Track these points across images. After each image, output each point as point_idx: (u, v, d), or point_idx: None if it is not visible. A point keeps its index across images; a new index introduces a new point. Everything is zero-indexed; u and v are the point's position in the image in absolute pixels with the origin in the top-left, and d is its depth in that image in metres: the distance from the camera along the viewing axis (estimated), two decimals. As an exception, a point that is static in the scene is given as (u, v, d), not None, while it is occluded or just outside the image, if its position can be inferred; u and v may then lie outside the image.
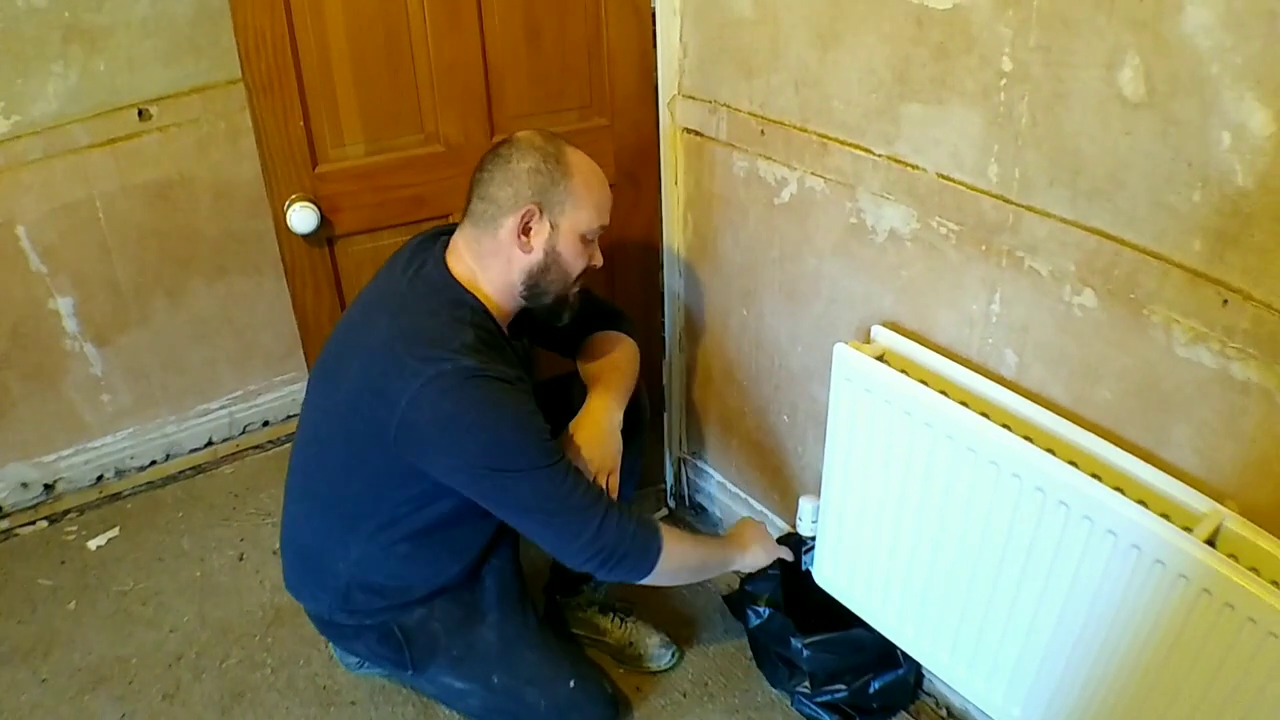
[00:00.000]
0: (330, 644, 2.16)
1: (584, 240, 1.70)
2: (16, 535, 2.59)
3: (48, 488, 2.64)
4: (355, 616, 1.87)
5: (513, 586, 1.95)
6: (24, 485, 2.61)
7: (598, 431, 1.80)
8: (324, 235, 1.91)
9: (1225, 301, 1.31)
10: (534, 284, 1.69)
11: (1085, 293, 1.48)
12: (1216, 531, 1.37)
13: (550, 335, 1.96)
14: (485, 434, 1.58)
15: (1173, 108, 1.29)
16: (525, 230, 1.65)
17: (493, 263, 1.68)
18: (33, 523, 2.61)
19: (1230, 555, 1.33)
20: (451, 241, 1.72)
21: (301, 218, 1.85)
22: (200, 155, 2.50)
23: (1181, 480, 1.43)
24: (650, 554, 1.72)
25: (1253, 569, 1.31)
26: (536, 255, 1.67)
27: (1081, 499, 1.44)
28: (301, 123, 1.82)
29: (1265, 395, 1.31)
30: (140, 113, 2.37)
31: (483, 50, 1.92)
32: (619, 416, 1.85)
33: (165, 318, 2.63)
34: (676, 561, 1.76)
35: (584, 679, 1.94)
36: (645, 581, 1.74)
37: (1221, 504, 1.39)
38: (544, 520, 1.67)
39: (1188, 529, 1.37)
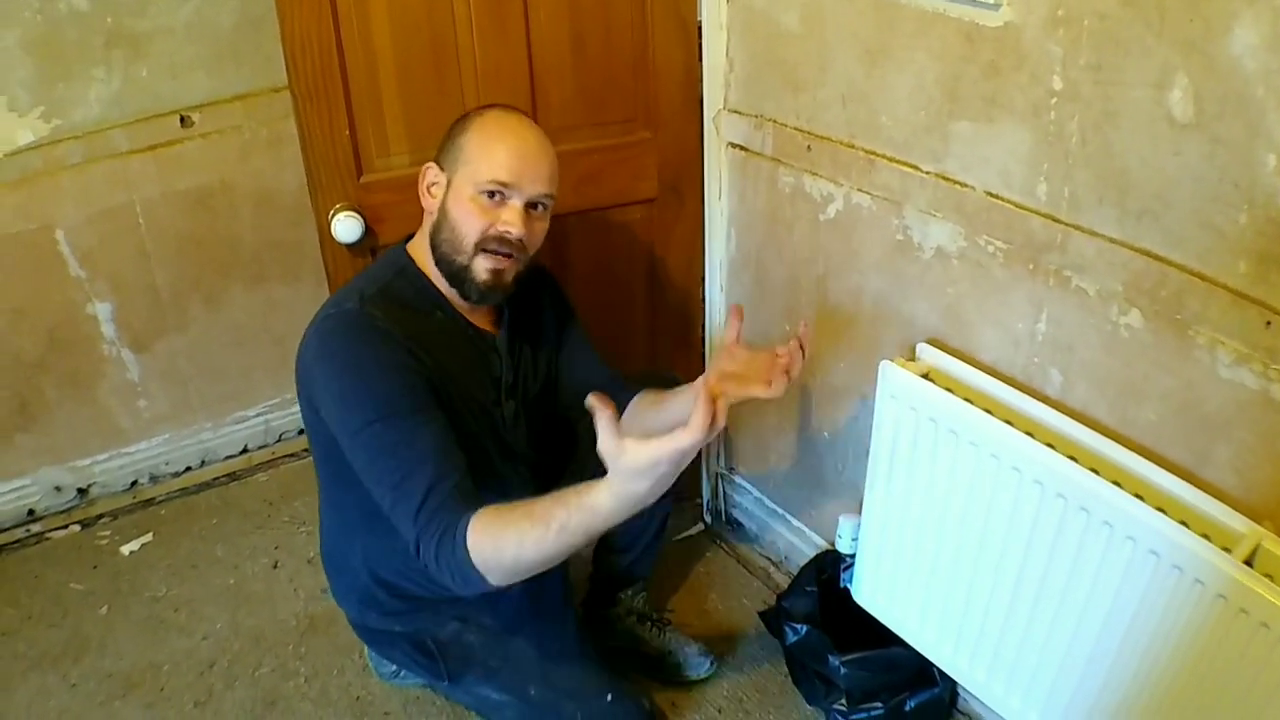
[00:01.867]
0: (366, 653, 2.16)
1: (476, 199, 1.61)
2: (49, 539, 2.59)
3: (81, 492, 2.65)
4: (386, 620, 1.88)
5: (549, 594, 1.94)
6: (58, 489, 2.62)
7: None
8: (368, 245, 1.92)
9: (1269, 323, 1.31)
10: (435, 245, 1.66)
11: (1132, 313, 1.48)
12: (1255, 552, 1.38)
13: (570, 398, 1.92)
14: (334, 379, 1.57)
15: (1220, 129, 1.29)
16: (429, 187, 1.67)
17: (424, 230, 1.70)
18: (65, 527, 2.62)
19: (1267, 575, 1.33)
20: None
21: (346, 227, 1.86)
22: (241, 163, 2.51)
23: (1221, 501, 1.44)
24: (467, 574, 1.43)
25: (1288, 588, 1.32)
26: (434, 212, 1.66)
27: (1125, 519, 1.44)
28: (347, 131, 1.83)
29: (1302, 417, 1.32)
30: (182, 119, 2.39)
31: (529, 61, 1.93)
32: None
33: (203, 324, 2.65)
34: (491, 555, 1.41)
35: (622, 694, 1.91)
36: (492, 585, 1.45)
37: (1260, 524, 1.40)
38: (380, 496, 1.53)
39: (1227, 549, 1.37)
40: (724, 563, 2.52)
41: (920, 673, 1.98)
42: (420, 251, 1.70)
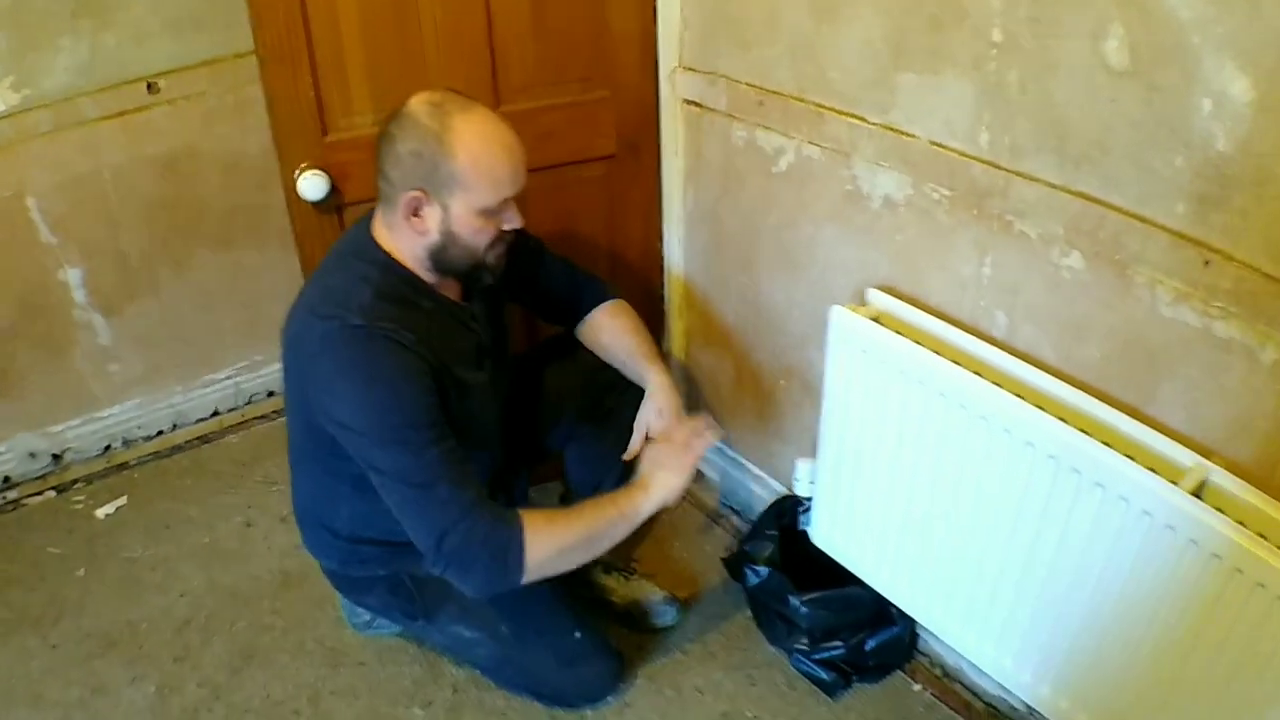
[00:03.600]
0: (340, 605, 2.21)
1: (484, 214, 1.65)
2: (24, 505, 2.62)
3: (55, 458, 2.67)
4: (366, 567, 1.93)
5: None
6: (32, 455, 2.64)
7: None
8: (334, 203, 1.96)
9: (1207, 262, 1.35)
10: (438, 260, 1.69)
11: (1073, 254, 1.53)
12: (1202, 485, 1.42)
13: (539, 304, 2.05)
14: (357, 391, 1.61)
15: (1156, 76, 1.33)
16: (415, 213, 1.64)
17: (401, 235, 1.69)
18: (40, 493, 2.65)
19: (1216, 509, 1.37)
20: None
21: (312, 185, 1.90)
22: (207, 128, 2.53)
23: (1168, 436, 1.47)
24: (507, 563, 1.62)
25: (1239, 522, 1.35)
26: (432, 236, 1.66)
27: (1072, 453, 1.48)
28: (312, 92, 1.87)
29: (1247, 352, 1.36)
30: (149, 86, 2.41)
31: (488, 21, 1.97)
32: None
33: (172, 288, 2.67)
34: (549, 553, 1.65)
35: (589, 631, 2.00)
36: (522, 582, 1.65)
37: (1207, 459, 1.44)
38: (399, 500, 1.65)
39: (1174, 483, 1.40)
40: (686, 512, 2.57)
41: (880, 612, 2.04)
42: (399, 248, 1.70)
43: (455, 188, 1.61)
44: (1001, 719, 1.99)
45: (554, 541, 1.66)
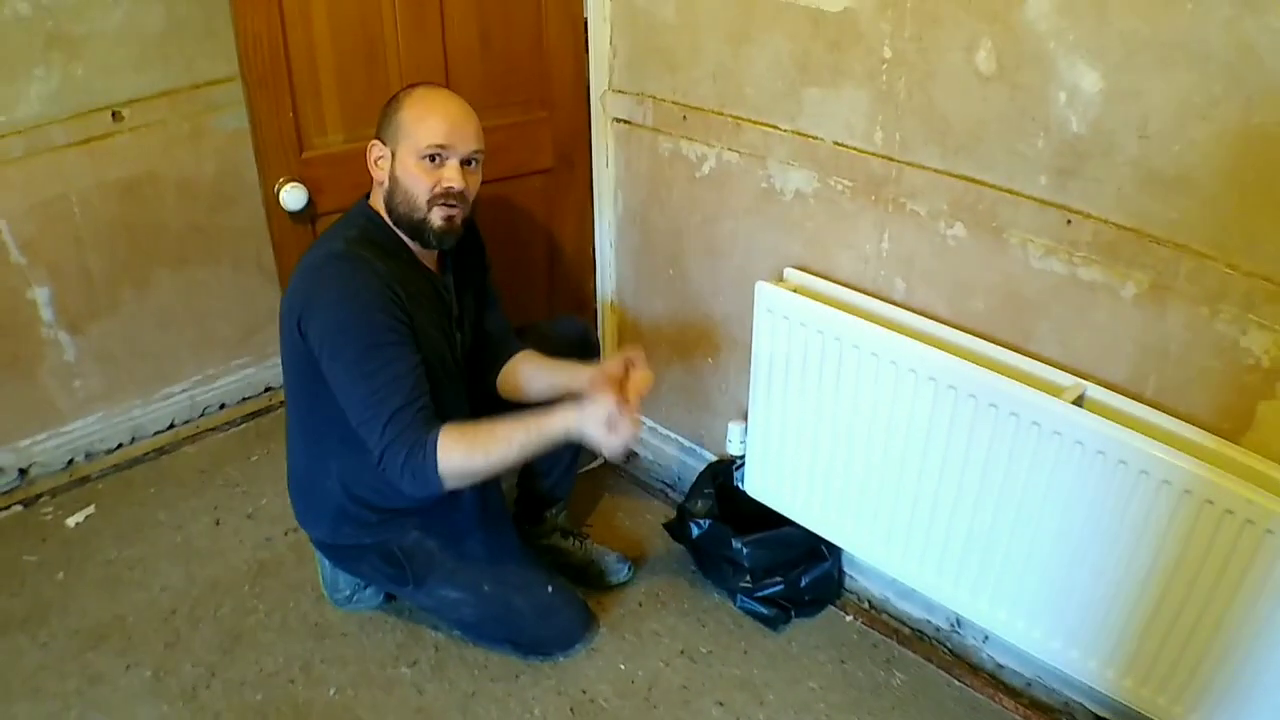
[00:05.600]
0: (319, 583, 2.35)
1: (420, 164, 1.89)
2: (-7, 521, 2.64)
3: (22, 472, 2.72)
4: (358, 534, 2.10)
5: (493, 505, 2.20)
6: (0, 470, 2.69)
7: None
8: (309, 213, 2.17)
9: (1069, 221, 1.68)
10: (391, 208, 1.93)
11: (956, 225, 1.85)
12: (1081, 398, 1.72)
13: (477, 342, 2.21)
14: (334, 304, 1.85)
15: (1019, 78, 1.66)
16: (376, 161, 1.94)
17: (376, 192, 1.98)
18: (8, 508, 2.68)
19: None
20: None
21: (293, 196, 2.11)
22: (166, 154, 2.67)
23: (1048, 364, 1.78)
24: (427, 478, 1.83)
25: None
26: (385, 181, 1.93)
27: (968, 382, 1.78)
28: (291, 114, 2.08)
29: (1109, 290, 1.69)
30: (114, 114, 2.54)
31: (444, 53, 2.23)
32: None
33: (133, 306, 2.78)
34: (457, 467, 1.83)
35: (560, 586, 2.21)
36: (445, 486, 1.85)
37: (1084, 379, 1.74)
38: (354, 413, 1.86)
39: (1056, 397, 1.69)
40: (625, 488, 2.80)
41: (811, 550, 2.29)
42: (379, 207, 1.96)
43: (400, 135, 1.90)
44: (927, 640, 2.25)
45: (461, 458, 1.83)
